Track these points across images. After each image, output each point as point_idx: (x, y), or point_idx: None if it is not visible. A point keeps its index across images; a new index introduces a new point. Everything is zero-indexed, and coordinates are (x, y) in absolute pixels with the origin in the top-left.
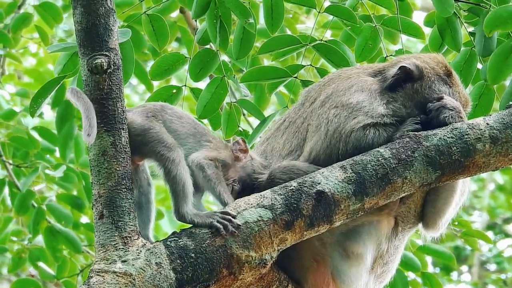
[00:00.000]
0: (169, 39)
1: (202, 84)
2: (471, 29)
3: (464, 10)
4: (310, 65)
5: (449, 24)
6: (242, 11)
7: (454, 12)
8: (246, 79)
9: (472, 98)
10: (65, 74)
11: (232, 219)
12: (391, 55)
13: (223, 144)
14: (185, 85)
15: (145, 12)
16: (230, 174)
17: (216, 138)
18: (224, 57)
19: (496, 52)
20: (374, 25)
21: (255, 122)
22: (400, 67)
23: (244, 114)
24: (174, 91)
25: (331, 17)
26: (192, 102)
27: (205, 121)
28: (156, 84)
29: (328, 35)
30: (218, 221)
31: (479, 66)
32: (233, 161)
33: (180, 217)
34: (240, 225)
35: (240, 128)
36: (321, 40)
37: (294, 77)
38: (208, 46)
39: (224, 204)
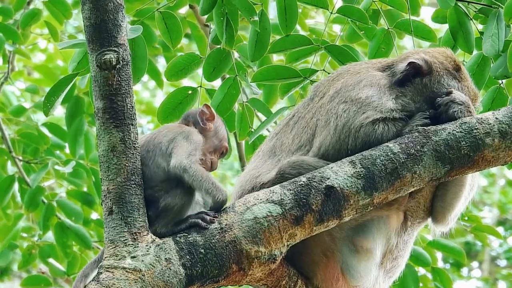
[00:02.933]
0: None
1: (217, 84)
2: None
3: (474, 11)
4: (323, 70)
5: (461, 26)
6: (247, 8)
7: (466, 13)
8: (257, 79)
9: (485, 103)
10: (78, 71)
11: (208, 213)
12: None
13: (186, 130)
14: (200, 86)
15: (157, 9)
16: (206, 149)
17: (176, 130)
18: (237, 55)
19: None
20: (387, 28)
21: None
22: (409, 62)
23: (255, 109)
24: (190, 92)
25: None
26: (206, 102)
27: None
28: (166, 80)
29: (337, 29)
30: (195, 218)
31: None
32: (205, 134)
33: (163, 233)
34: (216, 216)
35: (252, 129)
36: (333, 44)
37: (305, 78)
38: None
39: (216, 199)
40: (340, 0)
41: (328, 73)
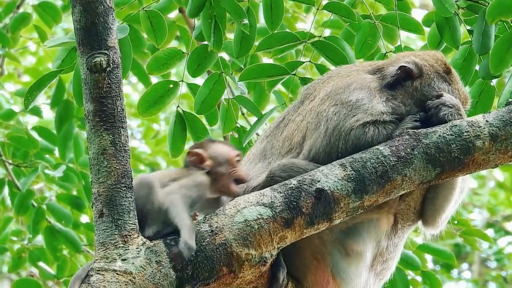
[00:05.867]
0: (168, 38)
1: (200, 81)
2: (469, 27)
3: (462, 8)
4: (309, 61)
5: (448, 22)
6: (237, 11)
7: None
8: (245, 77)
9: (472, 95)
10: (61, 69)
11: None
12: (390, 51)
13: (186, 172)
14: (182, 81)
15: (143, 8)
16: (224, 178)
17: (177, 172)
18: (223, 54)
19: (498, 41)
20: (373, 22)
21: (253, 120)
22: (400, 66)
23: (243, 114)
24: (171, 86)
25: (330, 15)
26: (190, 100)
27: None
28: (155, 82)
29: (327, 34)
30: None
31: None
32: (211, 172)
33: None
34: (185, 260)
35: (237, 124)
36: (320, 36)
37: (293, 74)
38: (206, 42)
39: (182, 238)
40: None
41: (315, 64)
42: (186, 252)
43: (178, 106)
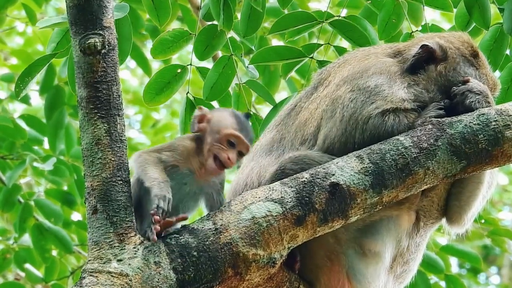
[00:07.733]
0: (170, 18)
1: (207, 65)
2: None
3: None
4: (328, 43)
5: (477, 0)
6: None
7: None
8: (256, 60)
9: (502, 81)
10: (56, 52)
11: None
12: (417, 31)
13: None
14: (190, 64)
15: None
16: (209, 150)
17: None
18: (232, 34)
19: None
20: None
21: (262, 107)
22: (422, 45)
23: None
24: (179, 70)
25: None
26: (196, 86)
27: (215, 103)
28: (155, 66)
29: (343, 14)
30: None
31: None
32: (202, 138)
33: None
34: (165, 210)
35: (251, 111)
36: (339, 16)
37: (310, 57)
38: (214, 22)
39: (153, 193)
40: None
41: (335, 47)
42: (162, 204)
43: (188, 92)
